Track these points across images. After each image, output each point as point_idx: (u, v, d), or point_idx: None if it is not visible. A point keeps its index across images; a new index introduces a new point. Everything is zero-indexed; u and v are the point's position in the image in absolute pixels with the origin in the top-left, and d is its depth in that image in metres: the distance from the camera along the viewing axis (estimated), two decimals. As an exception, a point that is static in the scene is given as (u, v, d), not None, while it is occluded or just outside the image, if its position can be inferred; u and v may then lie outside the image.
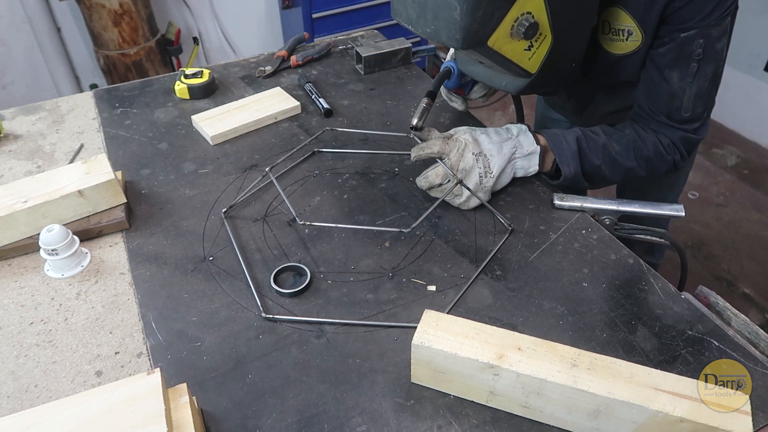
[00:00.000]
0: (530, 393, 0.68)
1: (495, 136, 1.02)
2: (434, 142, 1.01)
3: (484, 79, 1.08)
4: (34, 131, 1.27)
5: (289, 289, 0.88)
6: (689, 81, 0.95)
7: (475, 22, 0.80)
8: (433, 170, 1.00)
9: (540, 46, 0.90)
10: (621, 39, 0.99)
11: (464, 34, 0.81)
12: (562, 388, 0.66)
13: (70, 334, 0.83)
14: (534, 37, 0.88)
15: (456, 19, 0.80)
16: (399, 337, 0.82)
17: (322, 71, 1.49)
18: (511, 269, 0.92)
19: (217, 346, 0.81)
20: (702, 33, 0.90)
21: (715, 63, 0.95)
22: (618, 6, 0.95)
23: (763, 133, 2.96)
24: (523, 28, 0.85)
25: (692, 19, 0.90)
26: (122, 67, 2.65)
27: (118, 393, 0.62)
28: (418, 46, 1.57)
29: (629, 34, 0.97)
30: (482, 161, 1.00)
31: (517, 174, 1.05)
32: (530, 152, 1.03)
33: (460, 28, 0.81)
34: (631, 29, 0.96)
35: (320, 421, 0.71)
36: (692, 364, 0.78)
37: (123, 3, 2.47)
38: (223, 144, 1.22)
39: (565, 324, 0.83)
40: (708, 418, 0.62)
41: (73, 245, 0.92)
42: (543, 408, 0.70)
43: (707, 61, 0.93)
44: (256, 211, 1.04)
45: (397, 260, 0.94)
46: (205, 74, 1.36)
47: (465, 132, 1.02)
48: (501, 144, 1.01)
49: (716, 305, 0.88)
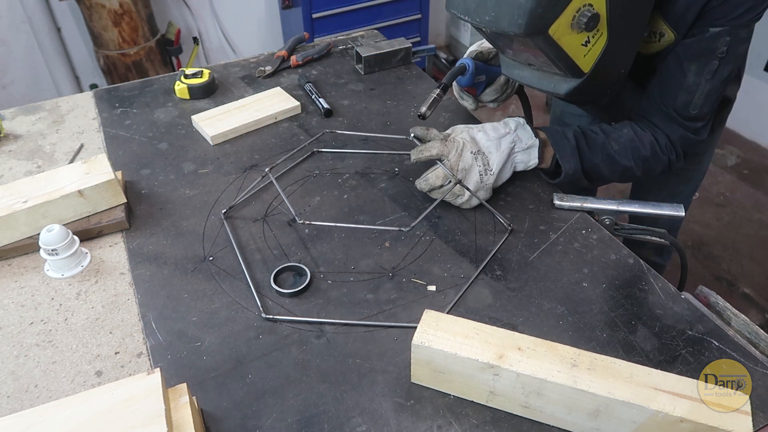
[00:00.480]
0: (530, 393, 0.68)
1: (492, 132, 1.02)
2: (433, 144, 1.00)
3: (531, 83, 1.04)
4: (34, 131, 1.27)
5: (289, 289, 0.88)
6: (706, 78, 0.95)
7: (540, 6, 0.80)
8: (433, 172, 1.00)
9: (596, 43, 0.90)
10: (654, 41, 1.00)
11: (528, 18, 0.80)
12: (562, 388, 0.66)
13: (70, 334, 0.83)
14: (593, 31, 0.88)
15: (521, 2, 0.80)
16: (399, 337, 0.82)
17: (322, 71, 1.49)
18: (511, 269, 0.92)
19: (217, 346, 0.81)
20: (730, 31, 0.91)
21: (734, 65, 0.95)
22: (656, 12, 0.95)
23: (763, 133, 2.96)
24: (585, 18, 0.84)
25: (725, 17, 0.90)
26: (122, 67, 2.65)
27: (118, 393, 0.62)
28: (418, 46, 1.57)
29: (661, 36, 0.99)
30: (481, 159, 1.00)
31: (518, 168, 1.06)
32: (529, 146, 1.03)
33: (524, 12, 0.80)
34: (663, 31, 0.98)
35: (320, 421, 0.71)
36: (692, 364, 0.78)
37: (123, 3, 2.47)
38: (223, 144, 1.22)
39: (565, 324, 0.83)
40: (708, 418, 0.62)
41: (73, 245, 0.92)
42: (543, 408, 0.70)
43: (728, 61, 0.93)
44: (256, 211, 1.04)
45: (397, 260, 0.94)
46: (205, 74, 1.36)
47: (462, 131, 1.02)
48: (499, 140, 1.02)
49: (716, 305, 0.88)
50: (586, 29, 0.86)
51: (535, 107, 1.51)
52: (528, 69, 1.03)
